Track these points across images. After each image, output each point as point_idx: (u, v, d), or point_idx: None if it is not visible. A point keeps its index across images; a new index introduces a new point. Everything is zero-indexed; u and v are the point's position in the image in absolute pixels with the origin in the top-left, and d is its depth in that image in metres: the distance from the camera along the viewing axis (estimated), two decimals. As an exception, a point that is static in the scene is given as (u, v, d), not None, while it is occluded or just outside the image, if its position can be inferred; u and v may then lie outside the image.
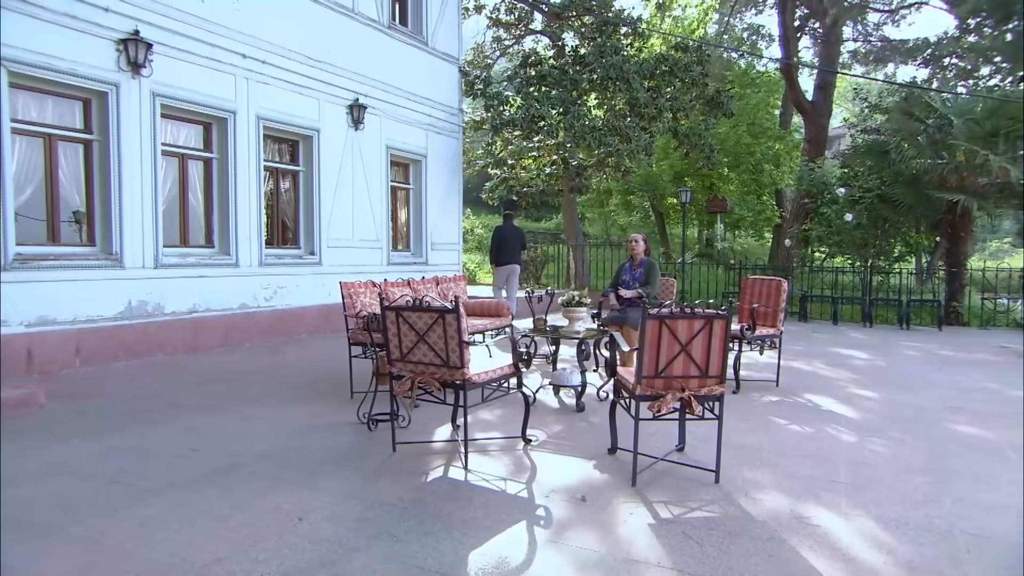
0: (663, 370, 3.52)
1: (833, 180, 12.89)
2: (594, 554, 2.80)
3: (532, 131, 12.67)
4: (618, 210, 29.27)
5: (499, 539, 2.94)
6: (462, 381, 3.84)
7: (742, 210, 23.15)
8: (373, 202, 10.94)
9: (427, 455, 4.16)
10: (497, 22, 17.10)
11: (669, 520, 3.16)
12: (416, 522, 3.12)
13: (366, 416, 4.75)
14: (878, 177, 11.77)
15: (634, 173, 17.38)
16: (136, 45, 7.32)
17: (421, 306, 3.84)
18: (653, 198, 23.65)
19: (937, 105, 11.58)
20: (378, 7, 10.86)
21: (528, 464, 3.98)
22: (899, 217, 11.63)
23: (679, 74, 13.86)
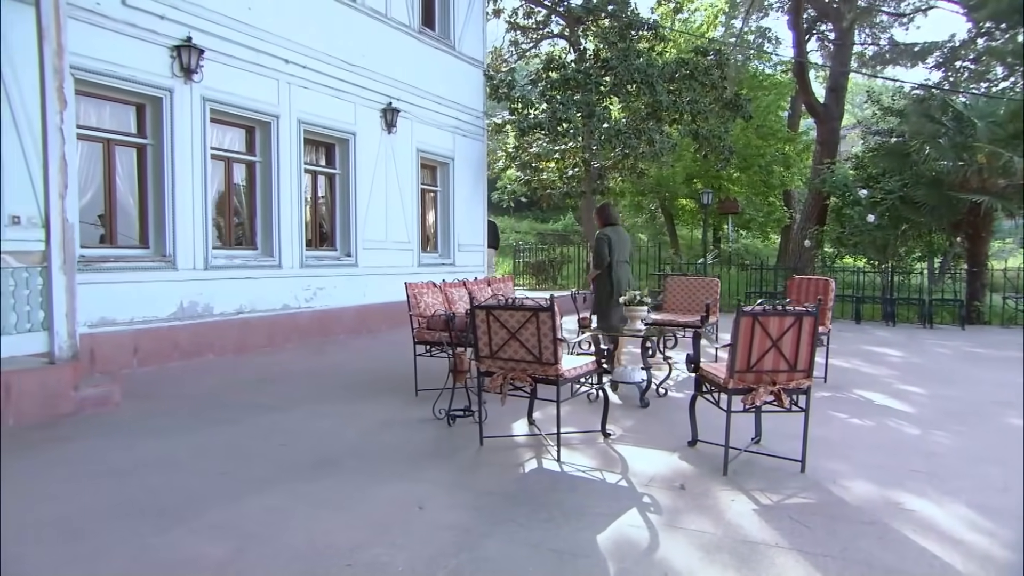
0: (754, 365, 3.69)
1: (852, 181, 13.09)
2: (712, 537, 2.97)
3: (558, 134, 12.84)
4: (626, 211, 29.49)
5: (618, 524, 3.10)
6: (555, 376, 4.00)
7: (751, 211, 23.42)
8: (405, 204, 11.11)
9: (514, 448, 4.32)
10: (515, 26, 17.29)
11: (770, 506, 3.33)
12: (530, 509, 3.28)
13: (443, 412, 4.91)
14: (900, 179, 11.97)
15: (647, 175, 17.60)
16: (189, 51, 7.47)
17: (514, 304, 4.01)
18: (664, 199, 23.86)
19: (959, 107, 11.80)
20: (409, 12, 11.03)
21: (615, 456, 4.14)
22: (921, 218, 11.84)
23: (699, 77, 14.06)
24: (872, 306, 12.56)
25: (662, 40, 14.76)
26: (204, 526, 3.08)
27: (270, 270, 8.75)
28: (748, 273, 15.20)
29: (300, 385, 6.39)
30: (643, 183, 19.39)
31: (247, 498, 3.43)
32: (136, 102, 7.38)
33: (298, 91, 9.01)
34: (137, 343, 7.14)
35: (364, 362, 7.71)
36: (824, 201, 17.77)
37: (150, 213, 7.52)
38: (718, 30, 25.07)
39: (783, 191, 23.78)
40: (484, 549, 2.85)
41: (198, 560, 2.76)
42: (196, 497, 3.44)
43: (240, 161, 8.67)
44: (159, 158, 7.46)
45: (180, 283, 7.60)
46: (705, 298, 7.16)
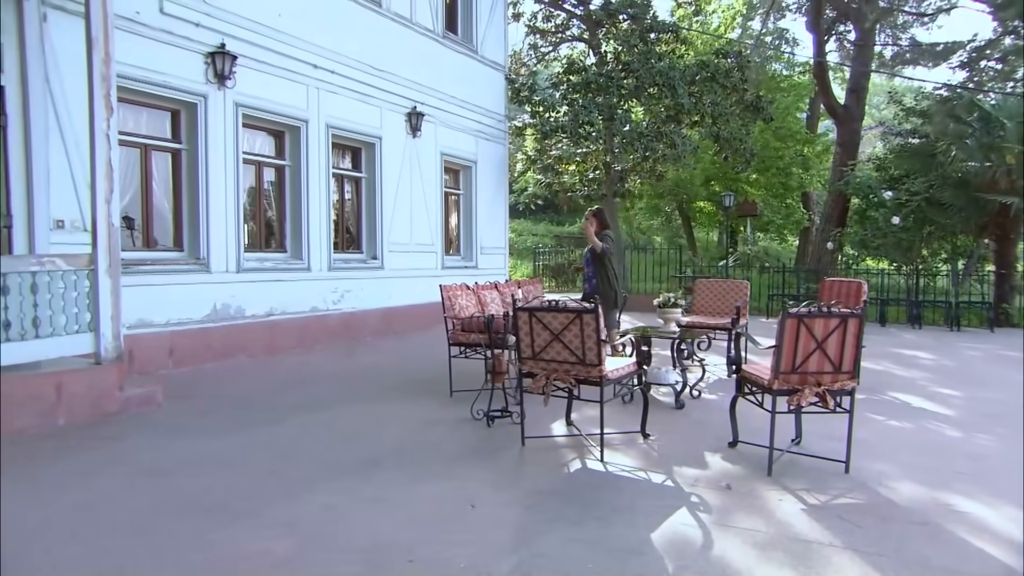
0: (799, 366, 3.71)
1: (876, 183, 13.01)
2: (765, 535, 3.00)
3: (580, 137, 12.88)
4: (642, 214, 29.46)
5: (670, 522, 3.14)
6: (599, 377, 4.05)
7: (769, 213, 23.31)
8: (429, 207, 11.20)
9: (555, 448, 4.37)
10: (534, 29, 17.36)
11: (818, 506, 3.35)
12: (581, 507, 3.32)
13: (481, 413, 4.97)
14: (925, 180, 11.89)
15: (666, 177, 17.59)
16: (223, 58, 7.60)
17: (557, 306, 4.05)
18: (682, 201, 23.82)
19: (987, 108, 11.71)
20: (433, 17, 11.13)
21: (657, 457, 4.18)
22: (948, 220, 11.75)
23: (720, 79, 14.05)
24: (897, 308, 12.48)
25: (683, 43, 14.76)
26: (264, 523, 3.15)
27: (299, 273, 8.86)
28: (770, 275, 15.15)
29: (335, 386, 6.47)
30: (661, 186, 19.37)
31: (302, 496, 3.50)
32: (171, 108, 7.52)
33: (326, 96, 9.13)
34: (173, 344, 7.26)
35: (394, 363, 7.79)
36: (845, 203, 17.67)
37: (184, 217, 7.66)
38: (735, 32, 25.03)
39: (802, 193, 23.67)
40: (541, 546, 2.90)
41: (263, 555, 2.83)
42: (251, 495, 3.52)
43: (270, 165, 8.80)
44: (193, 163, 7.59)
45: (213, 285, 7.72)
46: (735, 300, 7.17)
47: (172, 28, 7.18)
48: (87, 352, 5.33)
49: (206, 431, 4.85)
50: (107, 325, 5.37)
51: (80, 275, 5.24)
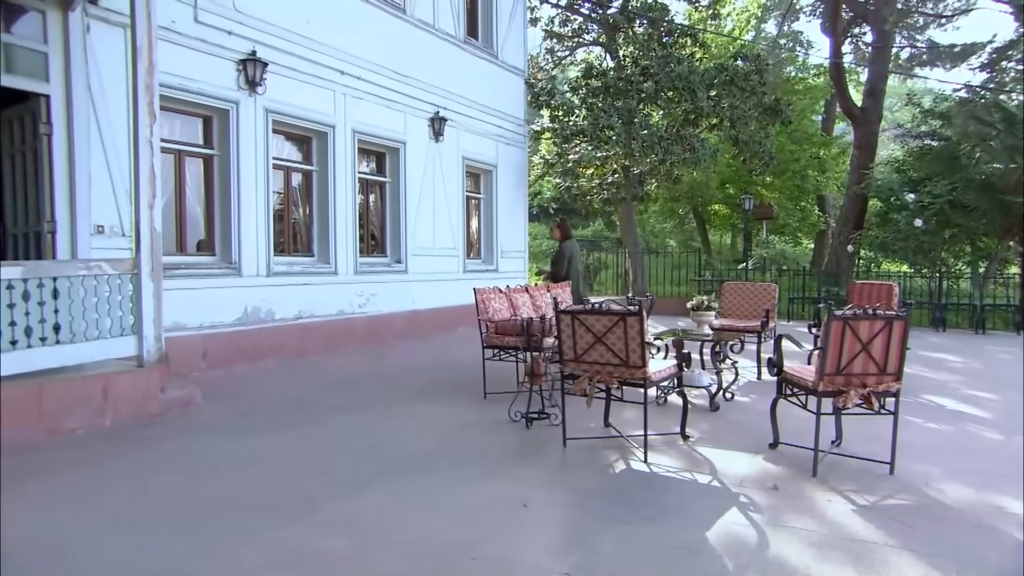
0: (844, 368, 3.74)
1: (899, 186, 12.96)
2: (819, 535, 3.03)
3: (600, 140, 12.94)
4: (655, 217, 29.45)
5: (722, 522, 3.18)
6: (643, 379, 4.09)
7: (785, 216, 23.26)
8: (451, 211, 11.28)
9: (597, 449, 4.41)
10: (552, 34, 17.45)
11: (868, 507, 3.38)
12: (631, 508, 3.36)
13: (519, 414, 5.02)
14: (949, 183, 11.84)
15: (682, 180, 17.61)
16: (254, 65, 7.71)
17: (601, 309, 4.10)
18: (697, 204, 23.80)
19: (1011, 109, 11.65)
20: (455, 23, 11.23)
21: (700, 458, 4.21)
22: (972, 223, 11.69)
23: (738, 83, 14.07)
24: (920, 311, 12.42)
25: (702, 46, 14.78)
26: (321, 521, 3.22)
27: (326, 276, 8.95)
28: (789, 278, 15.11)
29: (368, 388, 6.55)
30: (677, 189, 19.39)
31: (354, 496, 3.56)
32: (204, 114, 7.64)
33: (353, 102, 9.23)
34: (206, 347, 7.36)
35: (423, 366, 7.85)
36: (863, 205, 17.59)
37: (216, 221, 7.77)
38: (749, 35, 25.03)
39: (817, 195, 23.60)
40: (599, 545, 2.94)
41: (325, 553, 2.89)
42: (304, 494, 3.59)
43: (298, 170, 8.91)
44: (225, 168, 7.70)
45: (244, 289, 7.83)
46: (763, 303, 7.19)
47: (206, 36, 7.30)
48: (130, 355, 5.43)
49: (248, 432, 4.93)
50: (149, 328, 5.47)
51: (124, 279, 5.34)
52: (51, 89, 5.89)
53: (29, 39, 5.73)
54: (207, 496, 3.57)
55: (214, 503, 3.46)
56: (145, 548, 2.93)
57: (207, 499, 3.52)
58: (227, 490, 3.66)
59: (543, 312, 6.67)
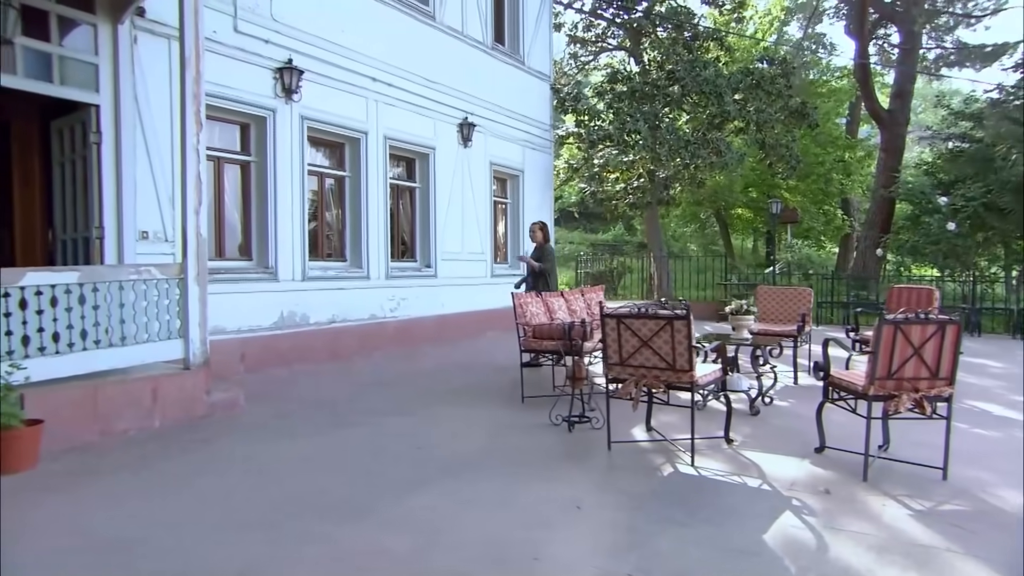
0: (895, 372, 3.72)
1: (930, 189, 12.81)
2: (878, 539, 3.02)
3: (626, 145, 12.96)
4: (677, 221, 29.33)
5: (778, 525, 3.18)
6: (689, 383, 4.10)
7: (810, 220, 23.05)
8: (479, 216, 11.36)
9: (642, 453, 4.43)
10: (575, 39, 17.51)
11: (924, 512, 3.36)
12: (686, 510, 3.38)
13: (560, 418, 5.05)
14: (982, 185, 11.68)
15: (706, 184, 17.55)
16: (291, 73, 7.85)
17: (647, 313, 4.13)
18: (720, 208, 23.67)
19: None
20: (483, 29, 11.33)
21: (746, 462, 4.21)
22: (1007, 225, 11.52)
23: (765, 86, 14.02)
24: (953, 316, 12.24)
25: (728, 50, 14.76)
26: (381, 521, 3.27)
27: (359, 281, 9.06)
28: (815, 282, 14.98)
29: (405, 391, 6.62)
30: (700, 193, 19.33)
31: (406, 497, 3.61)
32: (242, 122, 7.79)
33: (384, 108, 9.35)
34: (244, 350, 7.47)
35: (456, 370, 7.91)
36: (890, 208, 17.41)
37: (253, 227, 7.90)
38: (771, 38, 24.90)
39: (841, 199, 23.38)
40: (657, 546, 2.96)
41: (386, 553, 2.94)
42: (356, 495, 3.65)
43: (331, 176, 9.04)
44: (263, 174, 7.84)
45: (281, 293, 7.95)
46: (799, 308, 7.16)
47: (244, 45, 7.45)
48: (177, 358, 5.54)
49: (294, 434, 5.01)
50: (195, 331, 5.58)
51: (171, 283, 5.46)
52: (100, 99, 6.05)
53: (81, 51, 5.90)
54: (266, 496, 3.64)
55: (274, 503, 3.53)
56: (216, 547, 3.00)
57: (266, 499, 3.59)
58: (283, 491, 3.73)
59: (578, 317, 6.70)
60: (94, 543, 3.03)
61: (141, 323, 5.24)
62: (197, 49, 5.52)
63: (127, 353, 5.16)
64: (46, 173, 6.88)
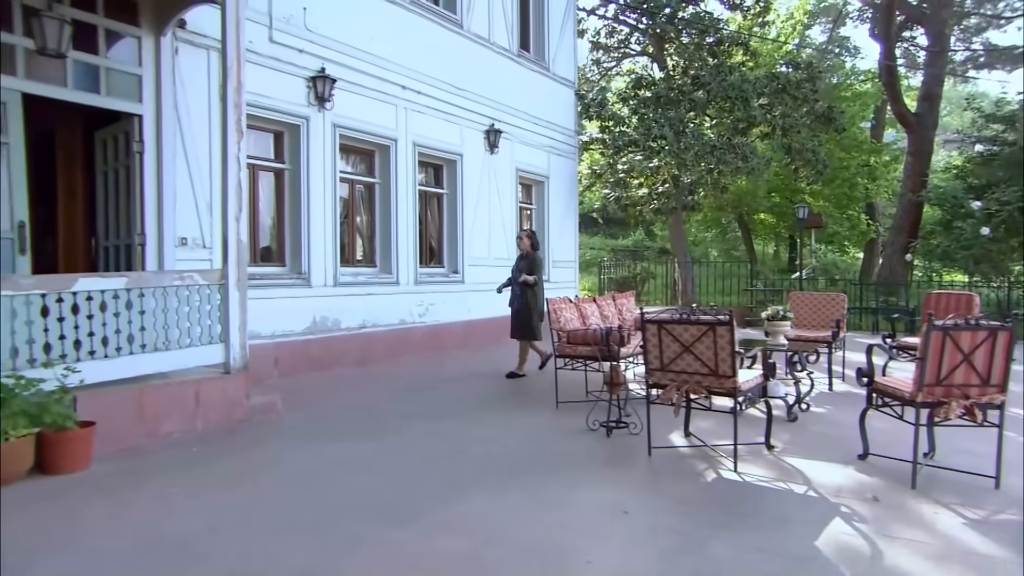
0: (944, 378, 3.69)
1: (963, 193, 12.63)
2: (934, 547, 3.00)
3: (651, 151, 12.95)
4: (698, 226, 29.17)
5: (830, 531, 3.17)
6: (732, 389, 4.09)
7: (834, 225, 22.81)
8: (505, 222, 11.40)
9: (683, 458, 4.42)
10: (598, 45, 17.55)
11: (979, 521, 3.32)
12: (735, 516, 3.37)
13: (597, 423, 5.06)
14: (1018, 188, 11.49)
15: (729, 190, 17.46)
16: (323, 81, 7.97)
17: (689, 319, 4.13)
18: (743, 213, 23.51)
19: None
20: (509, 36, 11.40)
21: (789, 468, 4.19)
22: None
23: (791, 91, 13.94)
24: (985, 322, 12.04)
25: (753, 55, 14.71)
26: (431, 524, 3.30)
27: (388, 287, 9.14)
28: (842, 288, 14.82)
29: (438, 395, 6.66)
30: (723, 198, 19.24)
31: (456, 500, 3.64)
32: (276, 130, 7.92)
33: (413, 115, 9.44)
34: (277, 355, 7.58)
35: (485, 374, 7.93)
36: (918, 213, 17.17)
37: (286, 233, 8.02)
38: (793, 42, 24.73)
39: (866, 203, 23.11)
40: (711, 551, 2.96)
41: (444, 555, 2.97)
42: (406, 498, 3.68)
43: (362, 183, 9.15)
44: (296, 182, 7.96)
45: (313, 299, 8.04)
46: (833, 313, 7.10)
47: (279, 55, 7.58)
48: (218, 362, 5.63)
49: (333, 438, 5.07)
50: (235, 336, 5.67)
51: (213, 289, 5.56)
52: (143, 109, 6.19)
53: (126, 63, 6.05)
54: (314, 498, 3.69)
55: (323, 505, 3.58)
56: (274, 547, 3.05)
57: (315, 501, 3.64)
58: (331, 493, 3.78)
59: (610, 322, 6.71)
60: (153, 543, 3.10)
61: (184, 328, 5.34)
62: (238, 60, 5.63)
63: (171, 357, 5.26)
64: (89, 182, 7.05)
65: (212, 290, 5.57)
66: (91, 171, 6.94)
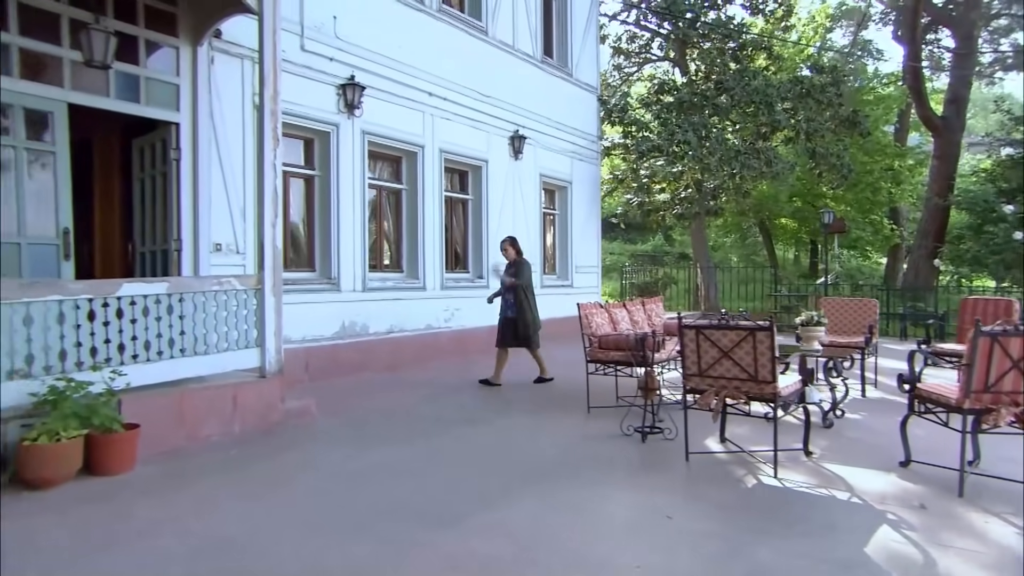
0: (992, 385, 3.64)
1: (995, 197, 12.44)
2: (989, 557, 2.96)
3: (675, 156, 12.92)
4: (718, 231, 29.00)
5: (879, 538, 3.14)
6: (772, 395, 4.07)
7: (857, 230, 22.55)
8: (529, 227, 11.43)
9: (721, 464, 4.40)
10: (619, 51, 17.56)
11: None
12: (780, 522, 3.35)
13: (631, 428, 5.05)
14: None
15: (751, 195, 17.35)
16: (353, 89, 8.06)
17: (728, 324, 4.12)
18: (764, 218, 23.34)
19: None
20: (533, 43, 11.46)
21: (830, 475, 4.15)
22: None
23: (815, 95, 13.85)
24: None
25: (776, 59, 14.63)
26: (474, 528, 3.32)
27: (415, 292, 9.20)
28: (867, 293, 14.65)
29: (467, 400, 6.69)
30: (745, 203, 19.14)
31: (499, 504, 3.65)
32: (306, 137, 8.02)
33: (440, 122, 9.52)
34: (308, 359, 7.66)
35: (512, 380, 7.92)
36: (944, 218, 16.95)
37: (316, 238, 8.11)
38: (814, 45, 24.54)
39: (890, 208, 22.83)
40: (758, 557, 2.95)
41: (496, 558, 2.98)
42: (448, 502, 3.71)
43: (389, 189, 9.23)
44: (326, 188, 8.05)
45: (342, 304, 8.13)
46: (865, 319, 7.03)
47: (310, 63, 7.68)
48: (253, 366, 5.71)
49: (369, 442, 5.11)
50: (271, 341, 5.74)
51: (249, 294, 5.64)
52: (180, 117, 6.31)
53: (164, 72, 6.17)
54: (356, 501, 3.73)
55: (366, 508, 3.61)
56: (323, 550, 3.08)
57: (357, 504, 3.68)
58: (372, 496, 3.82)
59: (640, 327, 6.70)
60: (201, 544, 3.14)
61: (222, 332, 5.42)
62: (275, 69, 5.72)
63: (209, 361, 5.34)
64: (125, 189, 7.19)
65: (249, 295, 5.64)
66: (127, 178, 7.08)
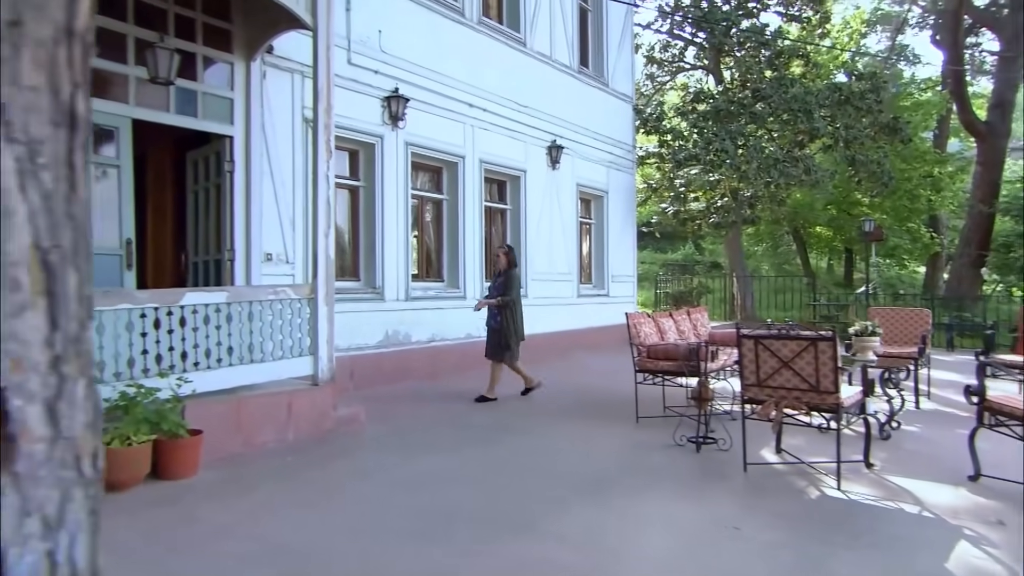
0: (1069, 396, 3.54)
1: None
2: (1075, 574, 2.87)
3: (712, 164, 12.84)
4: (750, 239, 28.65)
5: (959, 553, 3.07)
6: (835, 405, 4.02)
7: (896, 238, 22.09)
8: (566, 237, 11.46)
9: (780, 475, 4.35)
10: (652, 60, 17.56)
11: (1120, 548, 3.16)
12: (847, 535, 3.30)
13: (684, 438, 5.02)
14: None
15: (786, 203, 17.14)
16: (397, 101, 8.20)
17: (788, 334, 4.08)
18: (799, 227, 23.01)
19: None
20: (569, 53, 11.53)
21: (895, 487, 4.07)
22: None
23: (854, 102, 13.66)
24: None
25: (814, 66, 14.49)
26: (542, 536, 3.32)
27: (456, 301, 9.27)
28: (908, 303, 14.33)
29: (512, 409, 6.71)
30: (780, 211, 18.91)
31: (560, 511, 3.66)
32: (351, 148, 8.16)
33: (480, 133, 9.61)
34: (353, 368, 7.75)
35: (556, 389, 7.93)
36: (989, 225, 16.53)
37: (361, 248, 8.24)
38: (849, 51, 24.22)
39: (930, 216, 22.33)
40: (833, 570, 2.91)
41: (570, 567, 2.97)
42: (510, 509, 3.72)
43: (431, 199, 9.34)
44: (371, 198, 8.18)
45: (386, 313, 8.22)
46: (918, 329, 6.89)
47: (357, 76, 7.83)
48: (306, 374, 5.80)
49: (421, 449, 5.15)
50: (324, 349, 5.84)
51: (303, 303, 5.74)
52: (234, 131, 6.49)
53: (219, 87, 6.36)
54: (417, 508, 3.76)
55: (427, 515, 3.64)
56: (392, 556, 3.12)
57: (419, 511, 3.71)
58: (432, 503, 3.85)
59: (686, 337, 6.65)
60: (268, 549, 3.20)
61: (277, 340, 5.52)
62: (328, 83, 5.85)
63: (264, 369, 5.45)
64: (177, 200, 7.39)
65: (303, 304, 5.75)
66: (179, 190, 7.28)
